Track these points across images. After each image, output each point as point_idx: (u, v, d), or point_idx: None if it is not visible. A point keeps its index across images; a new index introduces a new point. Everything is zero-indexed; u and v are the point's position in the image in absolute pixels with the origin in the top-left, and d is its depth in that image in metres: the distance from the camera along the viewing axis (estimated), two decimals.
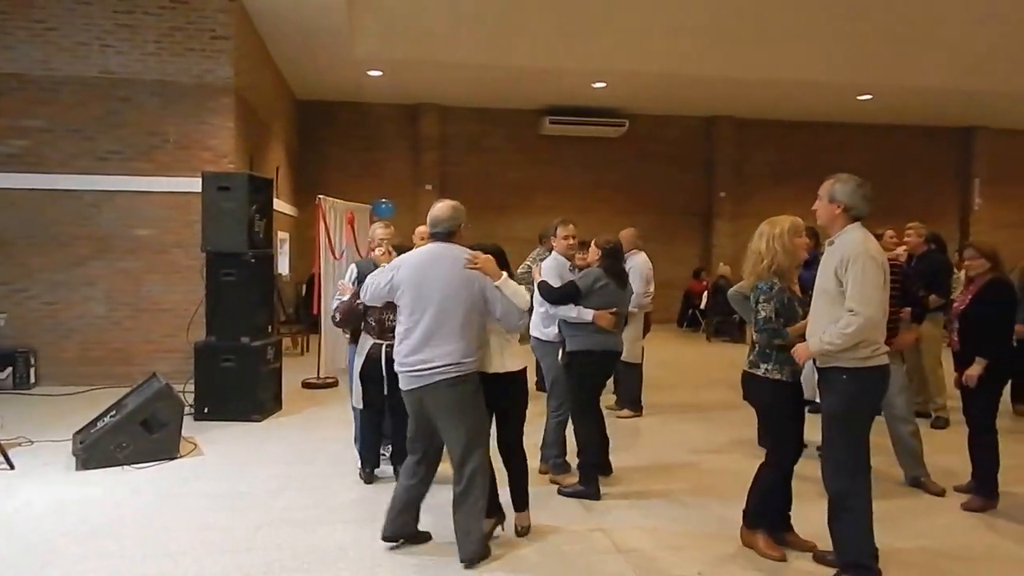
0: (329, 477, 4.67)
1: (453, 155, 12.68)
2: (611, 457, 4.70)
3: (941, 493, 4.40)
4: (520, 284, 3.55)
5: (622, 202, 12.89)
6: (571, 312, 4.31)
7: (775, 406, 3.44)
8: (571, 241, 4.79)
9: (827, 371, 3.20)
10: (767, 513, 3.51)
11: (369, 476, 4.60)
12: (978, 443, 4.25)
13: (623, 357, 4.73)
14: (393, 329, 4.40)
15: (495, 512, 3.56)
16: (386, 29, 9.17)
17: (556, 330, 4.60)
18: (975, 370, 4.11)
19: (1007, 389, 6.57)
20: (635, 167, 13.19)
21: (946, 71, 10.44)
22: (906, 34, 9.52)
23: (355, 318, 4.44)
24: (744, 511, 3.59)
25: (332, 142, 12.44)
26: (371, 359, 4.44)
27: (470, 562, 3.30)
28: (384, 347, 4.39)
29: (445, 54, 9.70)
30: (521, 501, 3.67)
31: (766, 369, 3.40)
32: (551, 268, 4.67)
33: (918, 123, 13.74)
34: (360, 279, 4.63)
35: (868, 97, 11.81)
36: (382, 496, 4.35)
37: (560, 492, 4.30)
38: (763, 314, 3.37)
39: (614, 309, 4.30)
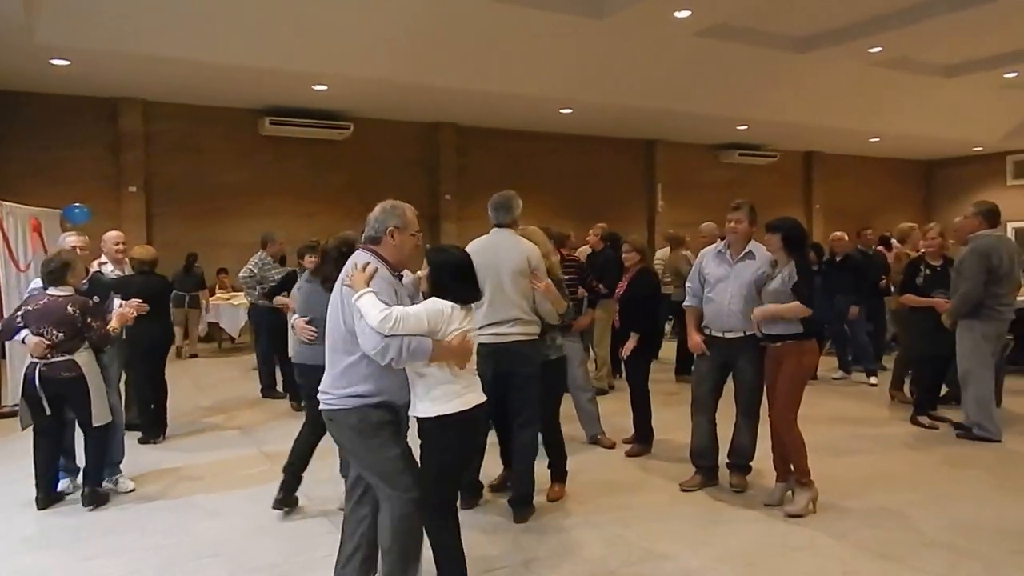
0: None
1: (161, 154, 11.73)
2: None
3: (612, 446, 5.41)
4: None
5: (349, 204, 12.88)
6: None
7: None
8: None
9: None
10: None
11: (43, 501, 4.30)
12: (637, 402, 5.29)
13: None
14: (54, 346, 4.16)
15: None
16: (73, 14, 8.27)
17: None
18: (630, 344, 5.08)
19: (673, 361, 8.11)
20: (362, 170, 13.33)
21: (628, 92, 12.10)
22: (601, 57, 10.87)
23: (10, 332, 4.24)
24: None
25: (9, 138, 10.79)
26: (26, 379, 4.20)
27: None
28: (38, 366, 4.15)
29: (147, 47, 8.98)
30: None
31: None
32: None
33: (611, 135, 15.66)
34: (97, 291, 4.57)
35: (568, 111, 13.21)
36: (60, 520, 4.16)
37: None
38: None
39: None
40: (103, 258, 5.60)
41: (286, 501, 4.22)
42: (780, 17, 10.47)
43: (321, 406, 2.93)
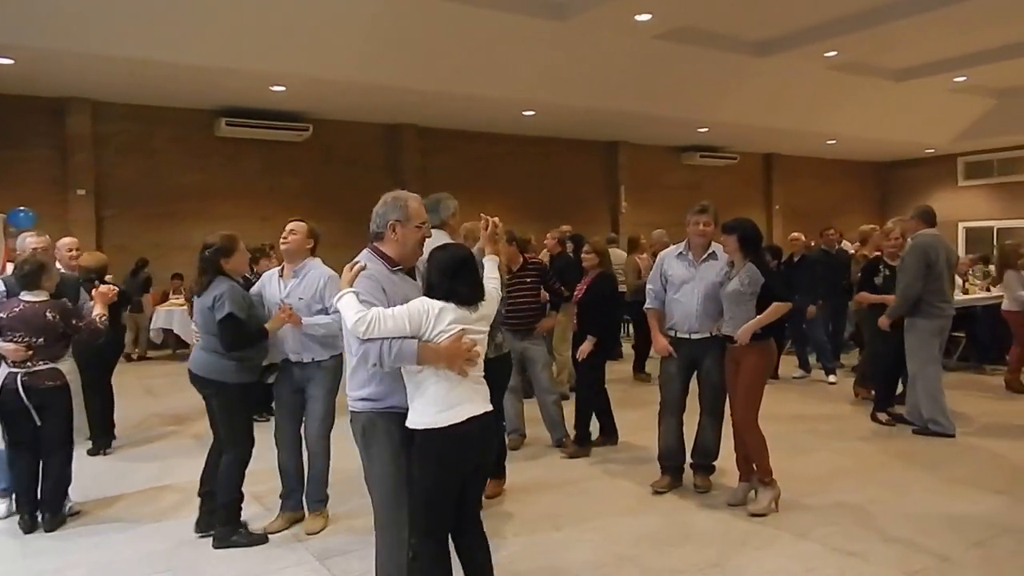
0: None
1: (111, 156, 11.38)
2: None
3: None
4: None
5: (308, 207, 12.61)
6: None
7: None
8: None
9: None
10: None
11: (28, 524, 4.07)
12: (583, 402, 5.38)
13: None
14: (34, 351, 3.98)
15: None
16: (16, 10, 7.98)
17: None
18: (586, 346, 5.10)
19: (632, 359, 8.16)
20: (321, 172, 13.13)
21: (590, 94, 12.13)
22: (563, 60, 10.87)
23: None
24: None
25: None
26: (7, 391, 3.97)
27: None
28: (20, 376, 3.96)
29: (96, 45, 8.70)
30: None
31: None
32: None
33: (574, 137, 15.69)
34: (65, 292, 4.28)
35: (531, 113, 13.20)
36: (2, 540, 3.96)
37: None
38: None
39: None
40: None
41: (209, 526, 3.95)
42: (739, 21, 10.60)
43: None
